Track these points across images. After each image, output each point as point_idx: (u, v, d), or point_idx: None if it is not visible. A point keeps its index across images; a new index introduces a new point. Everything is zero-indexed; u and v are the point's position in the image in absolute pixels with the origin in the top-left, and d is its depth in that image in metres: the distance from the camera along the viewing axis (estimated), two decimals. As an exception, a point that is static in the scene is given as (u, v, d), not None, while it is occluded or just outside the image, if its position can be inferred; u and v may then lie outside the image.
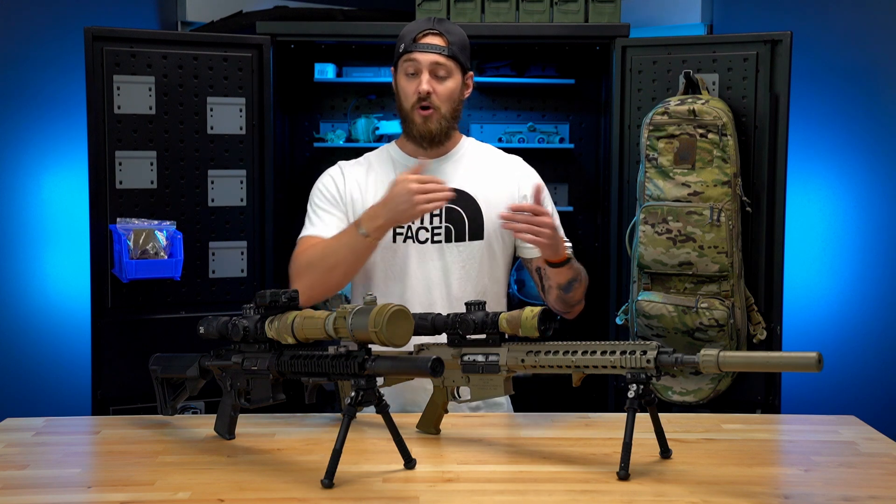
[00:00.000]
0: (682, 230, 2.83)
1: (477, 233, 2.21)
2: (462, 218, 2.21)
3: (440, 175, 2.24)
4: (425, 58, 2.15)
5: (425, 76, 2.16)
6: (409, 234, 2.20)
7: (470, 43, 2.24)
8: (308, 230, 2.22)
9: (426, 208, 2.04)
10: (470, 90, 2.26)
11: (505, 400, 2.24)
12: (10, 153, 3.50)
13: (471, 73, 2.25)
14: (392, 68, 2.26)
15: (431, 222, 2.20)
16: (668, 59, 3.11)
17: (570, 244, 2.16)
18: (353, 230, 2.09)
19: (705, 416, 2.10)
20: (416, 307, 2.13)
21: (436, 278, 2.19)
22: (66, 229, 3.55)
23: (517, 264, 2.36)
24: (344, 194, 2.24)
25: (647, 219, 2.88)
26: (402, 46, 2.18)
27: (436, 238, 2.20)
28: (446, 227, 2.20)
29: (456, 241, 2.20)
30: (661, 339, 2.90)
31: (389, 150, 2.31)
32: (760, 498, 1.52)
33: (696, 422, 2.00)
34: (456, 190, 2.21)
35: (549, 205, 2.28)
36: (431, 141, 2.21)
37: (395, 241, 2.19)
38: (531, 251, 2.25)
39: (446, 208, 2.20)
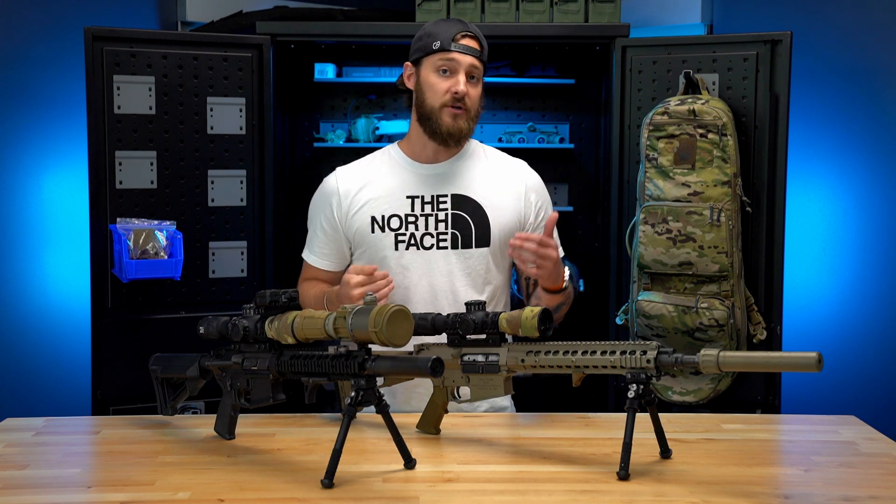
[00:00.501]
0: (682, 230, 2.83)
1: (483, 240, 2.20)
2: (469, 224, 2.19)
3: (447, 179, 2.22)
4: (465, 59, 2.14)
5: (463, 77, 2.14)
6: (414, 241, 2.18)
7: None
8: (306, 254, 2.28)
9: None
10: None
11: (508, 402, 2.23)
12: (10, 153, 3.50)
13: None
14: (408, 63, 2.21)
15: (437, 228, 2.19)
16: (668, 59, 3.11)
17: (568, 273, 2.13)
18: (323, 303, 2.15)
19: (705, 416, 2.10)
20: None
21: (442, 285, 2.18)
22: (66, 229, 3.55)
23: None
24: (339, 213, 2.22)
25: (647, 219, 2.88)
26: (438, 44, 2.15)
27: (441, 244, 2.19)
28: (452, 233, 2.19)
29: (462, 247, 2.19)
30: (661, 339, 2.90)
31: (392, 152, 2.28)
32: (760, 498, 1.52)
33: (696, 422, 2.00)
34: (463, 196, 2.21)
35: (543, 206, 2.29)
36: (458, 140, 2.19)
37: (396, 248, 2.18)
38: None
39: (452, 214, 2.19)
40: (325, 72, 3.79)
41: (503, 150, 2.37)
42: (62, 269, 3.58)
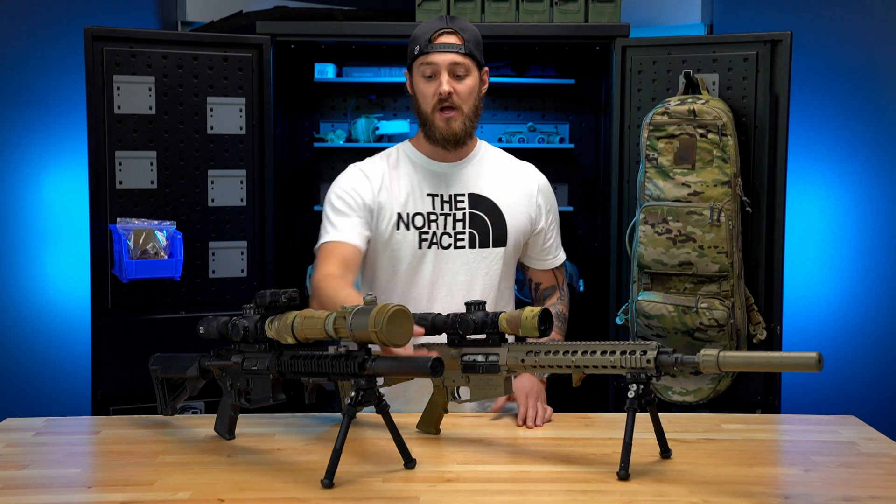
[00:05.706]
0: (682, 230, 2.83)
1: (500, 240, 2.20)
2: (486, 224, 2.19)
3: (462, 178, 2.22)
4: (443, 58, 2.11)
5: (445, 76, 2.11)
6: (434, 240, 2.18)
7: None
8: (330, 236, 2.13)
9: None
10: (486, 85, 2.22)
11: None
12: (10, 153, 3.50)
13: (486, 68, 2.21)
14: (406, 71, 2.22)
15: (454, 227, 2.19)
16: (668, 59, 3.11)
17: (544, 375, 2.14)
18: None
19: (705, 416, 2.10)
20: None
21: (460, 284, 2.17)
22: (66, 229, 3.55)
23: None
24: (368, 200, 2.16)
25: (647, 219, 2.88)
26: (418, 48, 2.14)
27: (459, 244, 2.18)
28: (470, 233, 2.19)
29: (480, 247, 2.19)
30: (661, 339, 2.90)
31: (405, 150, 2.25)
32: (760, 498, 1.52)
33: (696, 422, 2.00)
34: (480, 196, 2.21)
35: (551, 211, 2.29)
36: (456, 143, 2.17)
37: (420, 247, 2.17)
38: (532, 261, 2.27)
39: (469, 214, 2.19)
40: (325, 72, 3.79)
41: (503, 150, 2.37)
42: (62, 270, 3.58)
